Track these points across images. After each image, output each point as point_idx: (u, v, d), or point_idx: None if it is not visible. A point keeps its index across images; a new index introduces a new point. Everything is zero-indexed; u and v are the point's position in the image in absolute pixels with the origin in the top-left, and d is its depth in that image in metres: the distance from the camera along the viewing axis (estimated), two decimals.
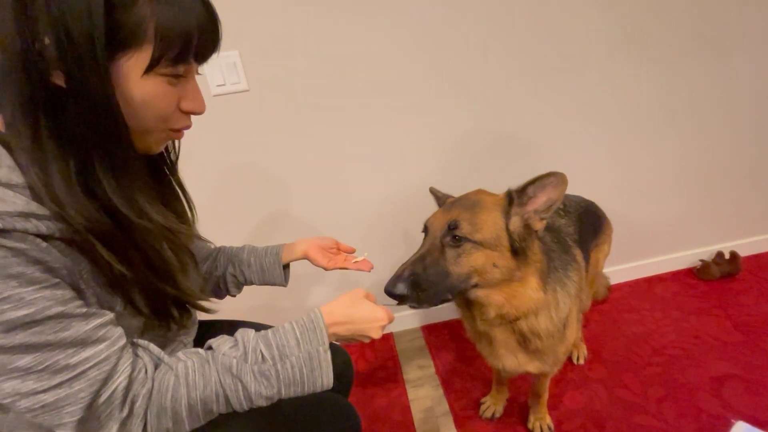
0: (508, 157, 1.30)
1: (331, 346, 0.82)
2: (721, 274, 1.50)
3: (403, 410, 1.18)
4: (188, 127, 0.54)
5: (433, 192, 0.88)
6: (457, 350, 1.38)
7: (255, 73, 1.08)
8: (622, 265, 1.55)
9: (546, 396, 1.04)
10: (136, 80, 0.44)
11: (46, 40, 0.39)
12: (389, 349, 1.42)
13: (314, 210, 1.27)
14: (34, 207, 0.42)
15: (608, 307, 1.46)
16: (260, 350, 0.51)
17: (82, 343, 0.43)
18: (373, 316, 0.58)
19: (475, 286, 0.70)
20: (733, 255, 1.50)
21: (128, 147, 0.46)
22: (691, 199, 1.49)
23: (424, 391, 1.23)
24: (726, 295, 1.44)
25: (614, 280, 1.55)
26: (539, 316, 0.75)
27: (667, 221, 1.51)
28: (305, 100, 1.13)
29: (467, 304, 0.78)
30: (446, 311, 1.52)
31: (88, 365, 0.42)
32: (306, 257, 0.82)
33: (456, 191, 0.98)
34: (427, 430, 1.12)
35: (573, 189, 1.24)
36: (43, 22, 0.39)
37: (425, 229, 0.75)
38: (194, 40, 0.46)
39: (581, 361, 1.24)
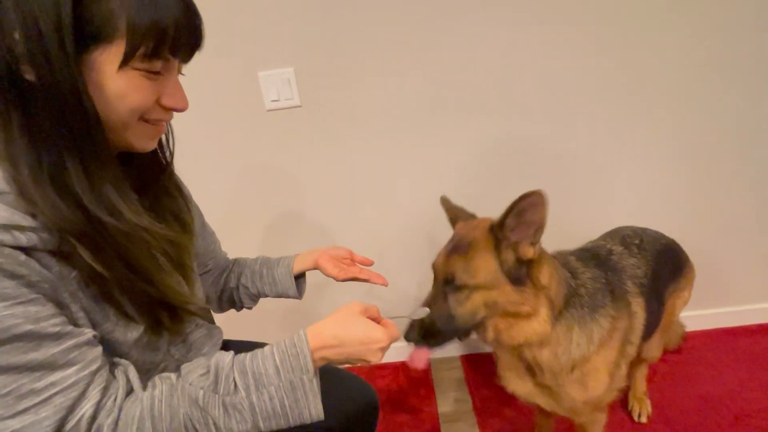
0: (559, 176, 1.20)
1: (354, 380, 0.78)
2: None
3: None
4: (167, 120, 0.52)
5: (444, 204, 0.83)
6: (499, 387, 1.27)
7: (307, 89, 1.09)
8: (698, 310, 1.35)
9: None
10: (111, 75, 0.43)
11: (16, 35, 0.39)
12: (424, 376, 1.36)
13: (356, 221, 1.26)
14: (18, 218, 0.40)
15: (679, 359, 1.28)
16: (233, 379, 0.46)
17: (50, 366, 0.41)
18: (368, 336, 0.50)
19: (484, 318, 0.69)
20: None
21: (100, 142, 0.44)
22: None
23: (457, 428, 1.16)
24: None
25: (689, 328, 1.36)
26: (543, 348, 0.72)
27: (759, 263, 1.30)
28: (353, 115, 1.13)
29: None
30: None
31: (54, 390, 0.41)
32: (317, 267, 0.78)
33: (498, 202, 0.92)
34: None
35: (640, 220, 1.12)
36: (11, 17, 0.38)
37: (434, 271, 0.74)
38: (169, 35, 0.44)
39: (643, 419, 1.09)
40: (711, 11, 1.03)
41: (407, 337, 0.66)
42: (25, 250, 0.41)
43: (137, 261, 0.47)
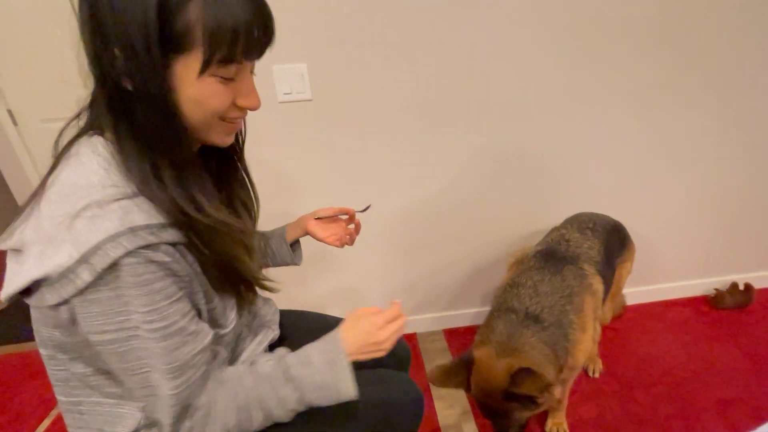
0: (528, 172, 1.38)
1: (399, 377, 0.81)
2: (734, 304, 1.56)
3: (427, 407, 1.26)
4: (242, 117, 0.56)
5: (438, 380, 0.93)
6: None
7: (319, 84, 1.17)
8: (637, 287, 1.62)
9: (566, 402, 1.13)
10: (192, 82, 0.46)
11: (116, 52, 0.43)
12: (412, 347, 1.51)
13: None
14: (161, 216, 0.47)
15: (622, 326, 1.53)
16: (288, 359, 0.58)
17: (182, 368, 0.50)
18: (371, 333, 0.60)
19: None
20: (747, 287, 1.57)
21: (186, 145, 0.49)
22: (710, 228, 1.55)
23: (446, 392, 1.32)
24: (737, 324, 1.50)
25: (629, 302, 1.62)
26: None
27: (685, 248, 1.58)
28: (360, 111, 1.23)
29: None
30: (468, 316, 1.60)
31: (181, 389, 0.50)
32: (308, 233, 0.84)
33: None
34: (448, 425, 1.21)
35: (595, 207, 1.34)
36: (112, 36, 0.43)
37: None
38: (241, 40, 0.46)
39: (596, 375, 1.32)
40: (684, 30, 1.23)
41: None
42: (174, 244, 0.48)
43: (222, 246, 0.54)
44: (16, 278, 0.45)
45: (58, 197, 0.45)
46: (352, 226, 0.87)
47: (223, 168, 0.63)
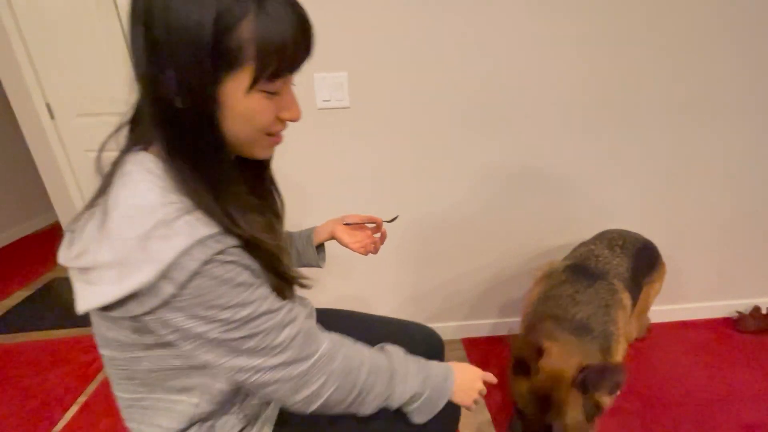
0: (550, 185, 1.40)
1: (419, 326, 0.93)
2: (757, 328, 1.55)
3: None
4: (283, 130, 0.57)
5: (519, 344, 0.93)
6: (498, 366, 1.47)
7: (357, 92, 1.20)
8: (659, 306, 1.61)
9: None
10: (240, 98, 0.48)
11: (170, 72, 0.45)
12: None
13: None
14: (216, 225, 0.49)
15: (644, 345, 1.53)
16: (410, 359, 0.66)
17: (280, 326, 0.53)
18: (472, 382, 0.72)
19: None
20: None
21: (228, 161, 0.51)
22: (735, 250, 1.55)
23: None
24: (761, 348, 1.49)
25: (651, 320, 1.61)
26: None
27: (708, 269, 1.58)
28: (395, 120, 1.26)
29: None
30: (487, 327, 1.61)
31: (290, 340, 0.54)
32: (333, 238, 0.86)
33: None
34: None
35: (617, 224, 1.35)
36: (167, 57, 0.44)
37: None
38: (288, 55, 0.47)
39: (617, 391, 1.32)
40: (691, 55, 1.25)
41: None
42: (236, 247, 0.50)
43: (259, 254, 0.54)
44: (93, 297, 0.47)
45: (124, 220, 0.47)
46: (378, 235, 0.89)
47: (256, 176, 0.66)
